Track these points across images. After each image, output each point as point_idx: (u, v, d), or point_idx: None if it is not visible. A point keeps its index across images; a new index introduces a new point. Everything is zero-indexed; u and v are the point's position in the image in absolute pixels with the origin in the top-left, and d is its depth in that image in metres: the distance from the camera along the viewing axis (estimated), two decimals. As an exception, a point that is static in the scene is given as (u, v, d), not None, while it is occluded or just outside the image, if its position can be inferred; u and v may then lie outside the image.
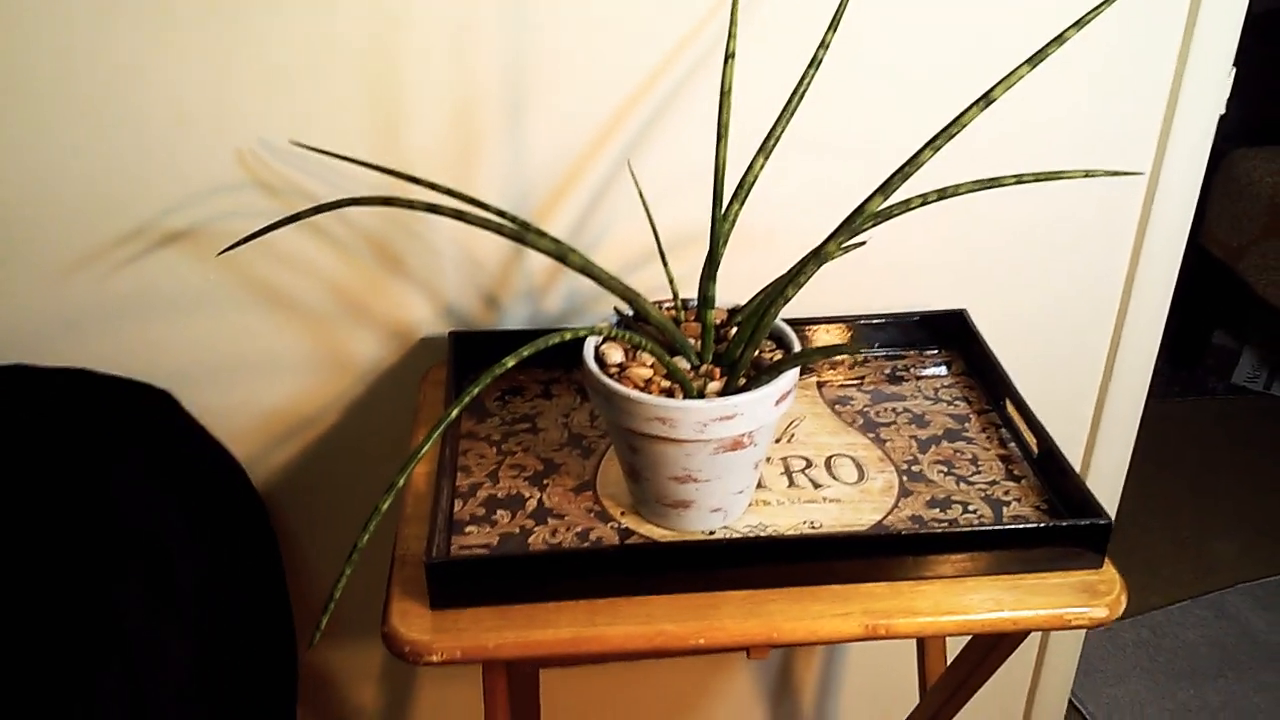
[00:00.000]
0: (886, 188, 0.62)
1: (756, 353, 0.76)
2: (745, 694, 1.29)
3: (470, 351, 0.95)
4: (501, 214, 0.75)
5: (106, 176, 0.90)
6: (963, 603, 0.74)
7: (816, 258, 0.64)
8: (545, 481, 0.84)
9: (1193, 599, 1.76)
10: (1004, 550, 0.75)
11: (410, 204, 0.74)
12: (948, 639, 1.07)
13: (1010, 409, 0.89)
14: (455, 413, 0.61)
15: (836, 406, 0.93)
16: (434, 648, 0.71)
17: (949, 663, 0.95)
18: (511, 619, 0.72)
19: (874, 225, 0.66)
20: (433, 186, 0.78)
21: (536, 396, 0.94)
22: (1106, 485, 1.19)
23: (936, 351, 0.99)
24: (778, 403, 0.73)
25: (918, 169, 0.60)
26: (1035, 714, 1.35)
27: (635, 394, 0.71)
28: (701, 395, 0.73)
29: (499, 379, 0.96)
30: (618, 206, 0.95)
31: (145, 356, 0.98)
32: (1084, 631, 1.31)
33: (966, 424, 0.90)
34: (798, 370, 0.74)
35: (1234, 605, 1.74)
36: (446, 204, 0.74)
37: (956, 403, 0.93)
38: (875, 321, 0.98)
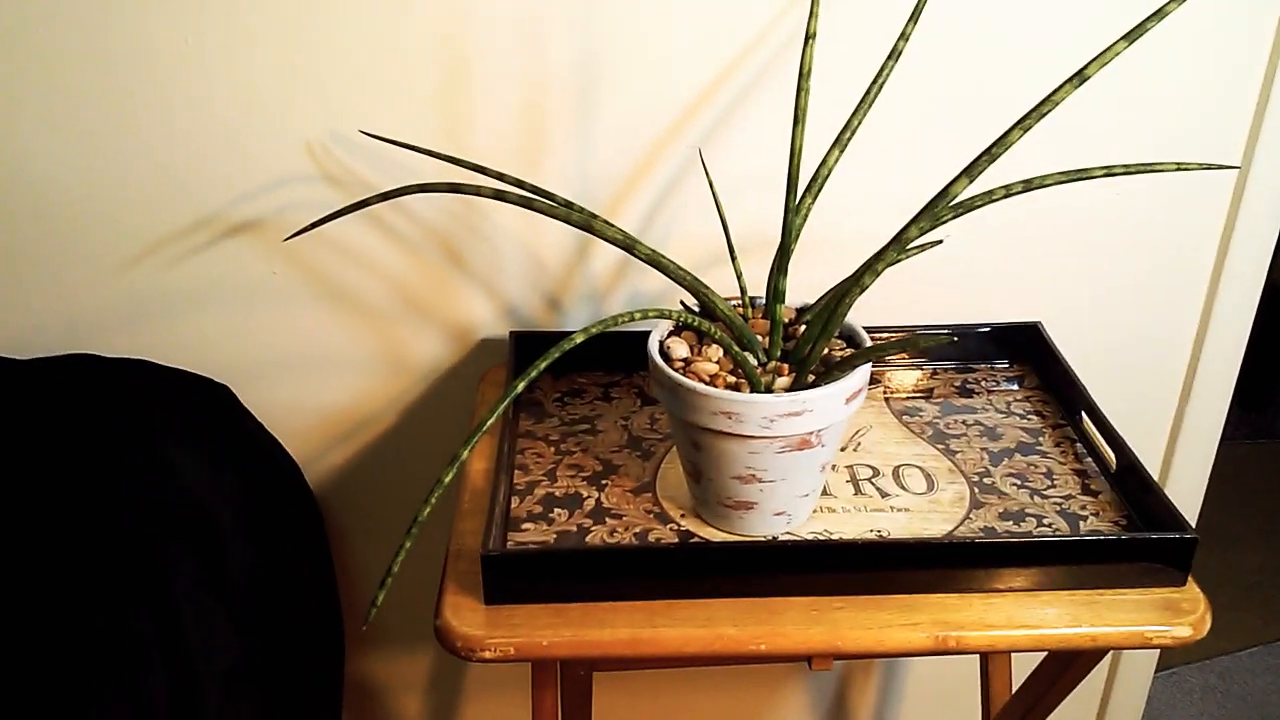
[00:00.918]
0: (972, 169, 0.60)
1: (827, 350, 0.73)
2: (800, 713, 1.25)
3: (531, 352, 0.93)
4: (568, 204, 0.74)
5: (172, 166, 0.90)
6: (1038, 617, 0.71)
7: (896, 245, 0.62)
8: (604, 482, 0.82)
9: (1263, 645, 1.69)
10: (1082, 564, 0.72)
11: (477, 190, 0.73)
12: (1014, 666, 1.03)
13: (1087, 424, 0.86)
14: (522, 385, 0.60)
15: (904, 417, 0.90)
16: (487, 643, 0.69)
17: (1015, 688, 0.91)
18: (567, 617, 0.70)
19: (955, 217, 0.64)
20: (500, 176, 0.77)
21: (596, 399, 0.92)
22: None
23: (1008, 365, 0.96)
24: (848, 400, 0.71)
25: (1006, 149, 0.58)
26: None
27: (701, 387, 0.69)
28: (769, 391, 0.71)
29: (558, 380, 0.94)
30: (686, 205, 0.94)
31: (206, 350, 0.98)
32: (1150, 675, 1.26)
33: (1040, 438, 0.87)
34: (869, 368, 0.72)
35: (1307, 653, 1.67)
36: (513, 192, 0.73)
37: (1030, 416, 0.90)
38: (945, 332, 0.95)
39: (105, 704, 0.69)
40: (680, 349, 0.74)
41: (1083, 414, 0.87)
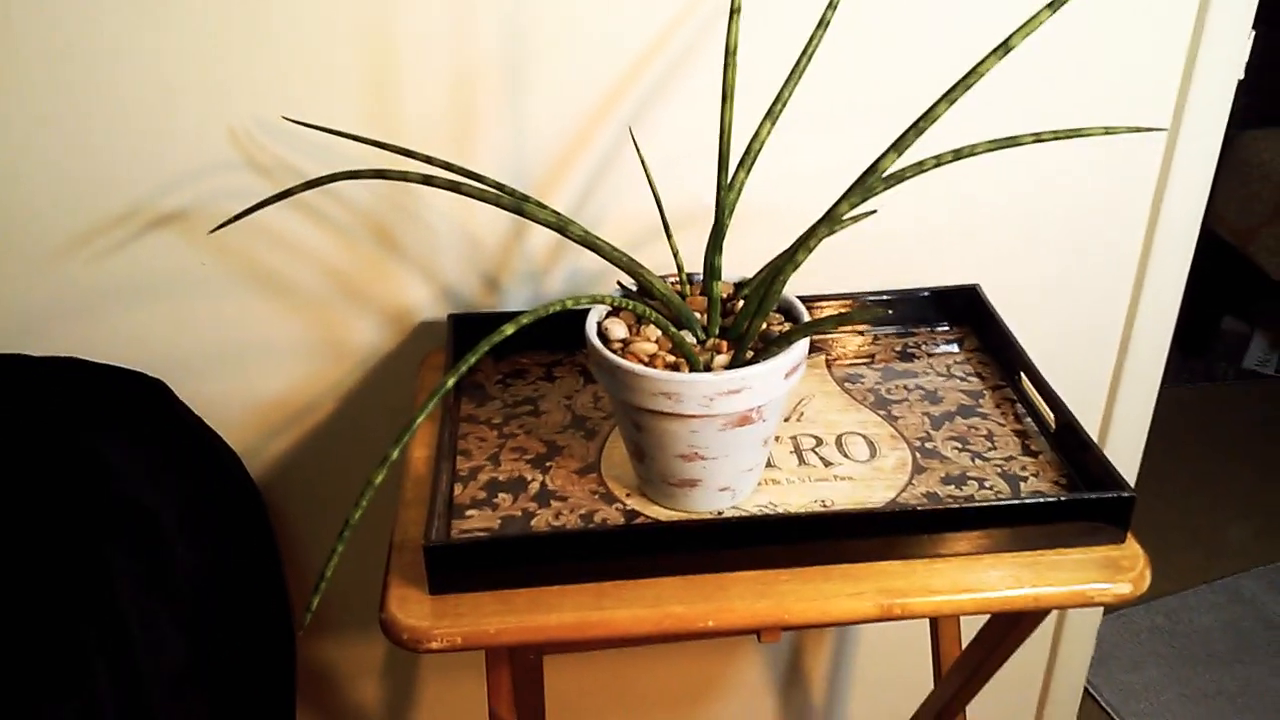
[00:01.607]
0: (900, 144, 0.59)
1: (765, 325, 0.73)
2: (755, 682, 1.27)
3: (470, 335, 0.92)
4: (499, 186, 0.73)
5: (94, 157, 0.87)
6: (981, 580, 0.71)
7: (828, 220, 0.62)
8: (548, 464, 0.81)
9: (1207, 584, 1.73)
10: (1023, 526, 0.73)
11: (404, 176, 0.71)
12: (962, 623, 1.04)
13: (1026, 384, 0.87)
14: (452, 382, 0.59)
15: (846, 384, 0.90)
16: (433, 634, 0.68)
17: (964, 644, 0.92)
18: (514, 604, 0.70)
19: (887, 189, 0.64)
20: (428, 160, 0.76)
21: (539, 379, 0.92)
22: (1121, 468, 1.16)
23: (948, 328, 0.97)
24: (787, 375, 0.70)
25: (933, 123, 0.58)
26: (1050, 702, 1.33)
27: (640, 368, 0.68)
28: (708, 369, 0.70)
29: (500, 362, 0.93)
30: (619, 183, 0.93)
31: (138, 344, 0.96)
32: (1099, 618, 1.29)
33: (980, 400, 0.88)
34: (808, 342, 0.72)
35: (1249, 590, 1.71)
36: (441, 175, 0.71)
37: (970, 379, 0.90)
38: (885, 298, 0.96)
39: (51, 714, 0.68)
40: (618, 330, 0.74)
41: (1021, 374, 0.87)
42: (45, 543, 0.75)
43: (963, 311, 0.96)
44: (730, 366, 0.71)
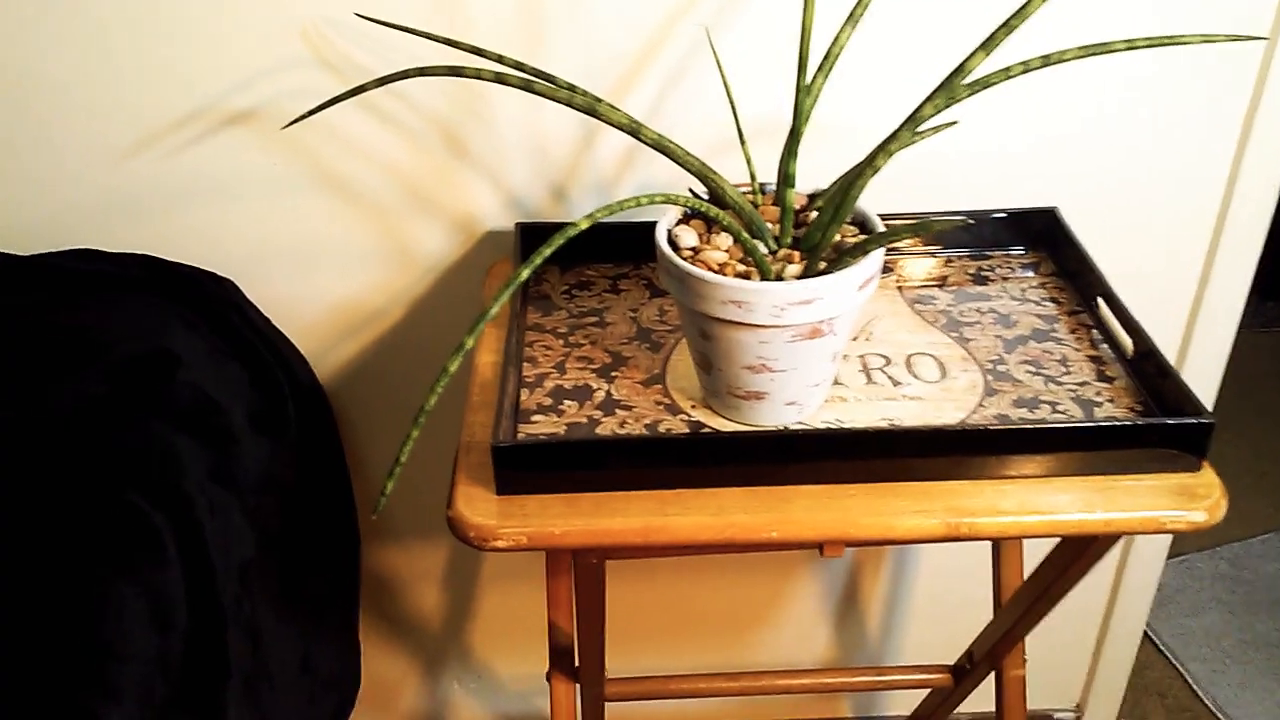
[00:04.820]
0: (990, 43, 0.57)
1: (838, 236, 0.72)
2: (811, 604, 1.27)
3: (537, 244, 0.91)
4: (571, 88, 0.72)
5: (166, 54, 0.87)
6: (1051, 503, 0.70)
7: (910, 123, 0.60)
8: (613, 374, 0.81)
9: (1274, 531, 1.70)
10: (1096, 450, 0.71)
11: (478, 74, 0.71)
12: (1026, 553, 1.03)
13: (1103, 310, 0.85)
14: (526, 273, 0.58)
15: (917, 305, 0.88)
16: (500, 533, 0.69)
17: (1026, 575, 0.91)
18: (579, 507, 0.70)
19: (971, 94, 0.62)
20: (500, 59, 0.75)
21: (604, 291, 0.91)
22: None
23: (1023, 251, 0.94)
24: (861, 288, 0.69)
25: (1024, 20, 0.56)
26: (1109, 643, 1.31)
27: (710, 275, 0.68)
28: (780, 279, 0.69)
29: (566, 273, 0.93)
30: (691, 92, 0.91)
31: (209, 244, 0.97)
32: (1163, 558, 1.27)
33: (1055, 325, 0.86)
34: (882, 255, 0.70)
35: (1317, 539, 1.68)
36: (514, 75, 0.70)
37: (1045, 303, 0.88)
38: (958, 216, 0.93)
39: (121, 596, 0.70)
40: (688, 237, 0.73)
41: (1099, 300, 0.85)
42: (113, 428, 0.77)
43: (1040, 235, 0.94)
44: (802, 277, 0.69)
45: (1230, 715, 1.40)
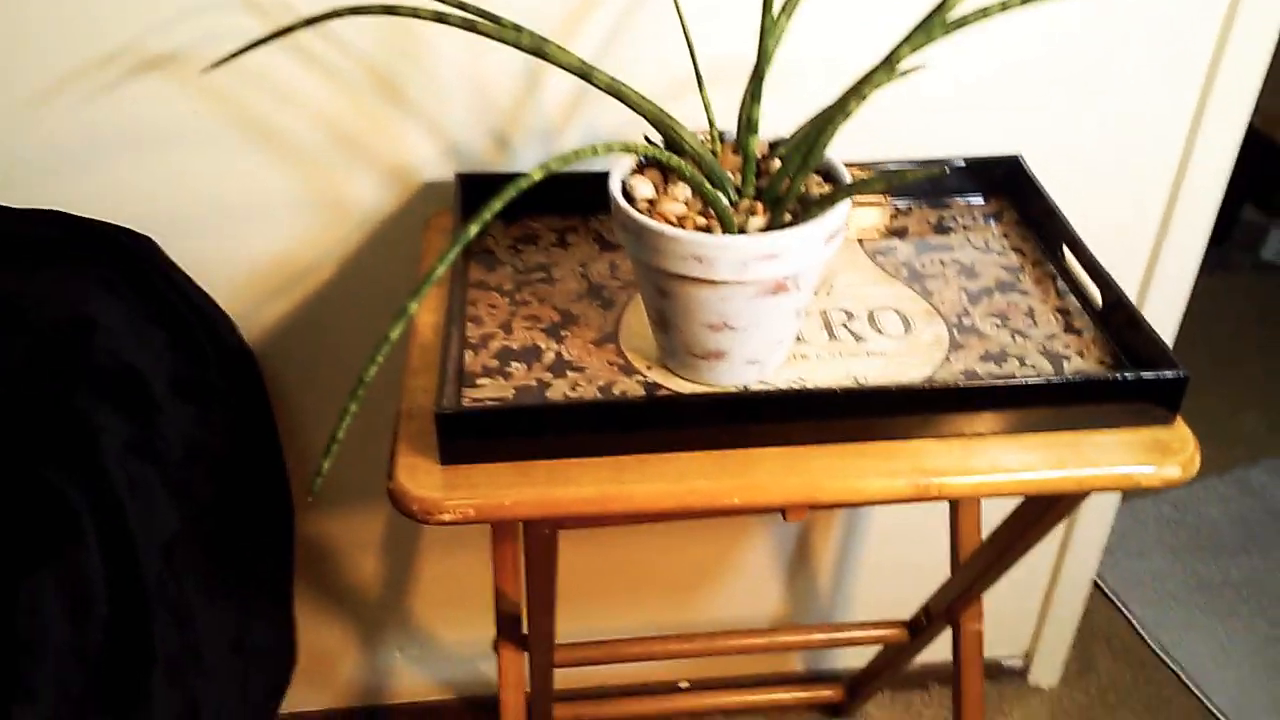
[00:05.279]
0: (970, -20, 0.53)
1: (803, 187, 0.68)
2: (762, 563, 1.25)
3: (480, 196, 0.87)
4: (517, 28, 0.67)
5: (72, -9, 0.80)
6: (1022, 460, 0.68)
7: (887, 64, 0.56)
8: (563, 333, 0.77)
9: (1217, 474, 1.71)
10: (1067, 406, 0.69)
11: (415, 12, 0.65)
12: (983, 506, 1.01)
13: (1069, 260, 0.82)
14: (474, 229, 0.54)
15: (878, 258, 0.85)
16: (445, 505, 0.64)
17: (984, 533, 0.89)
18: (531, 476, 0.66)
19: (946, 34, 0.58)
20: (438, -2, 0.69)
21: (551, 245, 0.86)
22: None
23: (984, 201, 0.91)
24: (828, 241, 0.65)
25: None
26: (1058, 593, 1.31)
27: (670, 229, 0.63)
28: (743, 232, 0.65)
29: (510, 226, 0.88)
30: (642, 33, 0.86)
31: (124, 198, 0.90)
32: (1114, 508, 1.26)
33: (1020, 275, 0.83)
34: (849, 205, 0.67)
35: (1258, 481, 1.69)
36: (455, 14, 0.65)
37: (1009, 253, 0.85)
38: (935, 168, 0.90)
39: (37, 579, 0.64)
40: (644, 188, 0.68)
41: (1065, 249, 0.82)
42: (27, 401, 0.71)
43: (1001, 183, 0.91)
44: (767, 230, 0.65)
45: (1174, 657, 1.41)
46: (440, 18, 0.65)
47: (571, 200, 0.88)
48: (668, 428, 0.67)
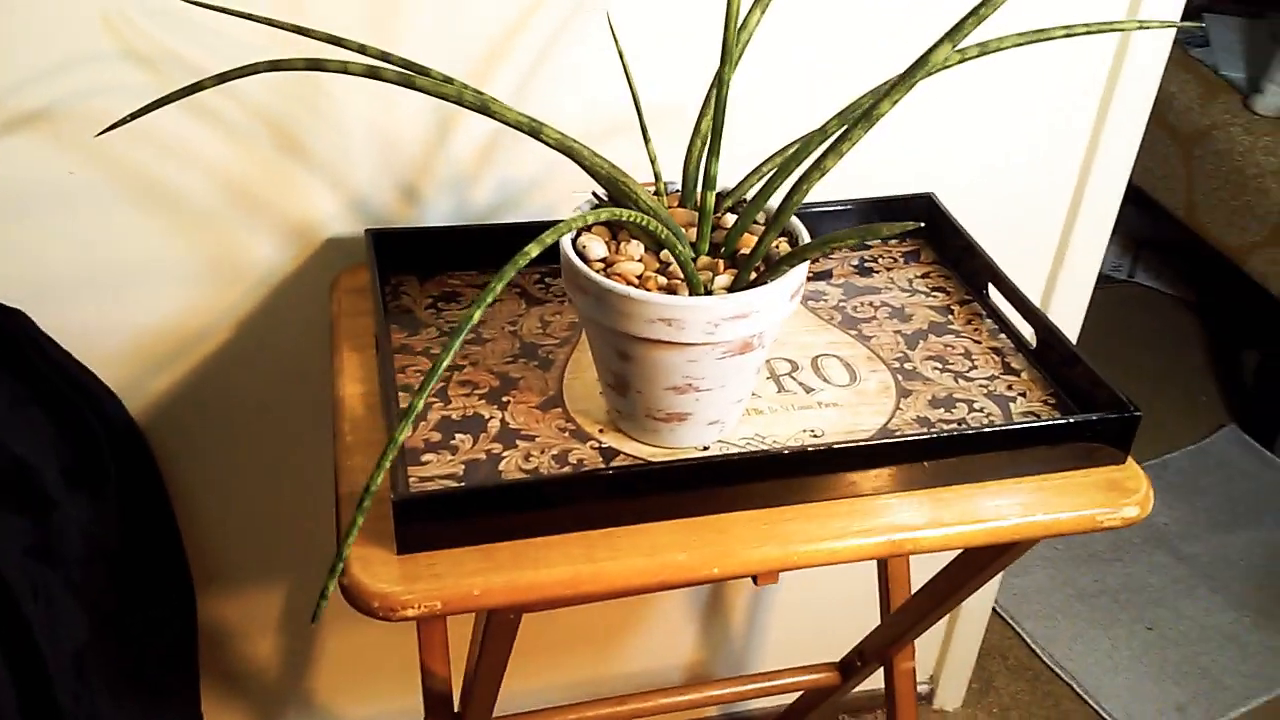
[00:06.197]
0: (955, 34, 0.52)
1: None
2: (676, 612, 1.22)
3: (393, 253, 0.82)
4: (453, 81, 0.63)
5: (-69, 42, 0.72)
6: (991, 509, 0.67)
7: (866, 120, 0.54)
8: (505, 399, 0.72)
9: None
10: (1029, 449, 0.69)
11: (344, 68, 0.60)
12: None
13: (994, 297, 0.83)
14: (490, 299, 0.49)
15: (809, 302, 0.84)
16: (408, 600, 0.59)
17: (931, 577, 0.88)
18: (495, 559, 0.62)
19: (927, 76, 0.57)
20: (361, 49, 0.65)
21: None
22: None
23: (899, 239, 0.91)
24: (793, 297, 0.64)
25: (995, 9, 0.51)
26: (961, 620, 1.33)
27: (637, 292, 0.60)
28: (708, 292, 0.63)
29: (426, 282, 0.83)
30: (564, 72, 0.83)
31: (-10, 268, 0.81)
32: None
33: (950, 316, 0.83)
34: (808, 262, 0.65)
35: (1122, 490, 1.77)
36: (387, 69, 0.61)
37: (934, 294, 0.86)
38: (840, 209, 0.89)
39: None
40: (598, 248, 0.65)
41: (990, 287, 0.83)
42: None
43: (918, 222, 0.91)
44: (732, 288, 0.63)
45: (1065, 668, 1.45)
46: (374, 73, 0.60)
47: (489, 253, 0.84)
48: (637, 497, 0.64)
